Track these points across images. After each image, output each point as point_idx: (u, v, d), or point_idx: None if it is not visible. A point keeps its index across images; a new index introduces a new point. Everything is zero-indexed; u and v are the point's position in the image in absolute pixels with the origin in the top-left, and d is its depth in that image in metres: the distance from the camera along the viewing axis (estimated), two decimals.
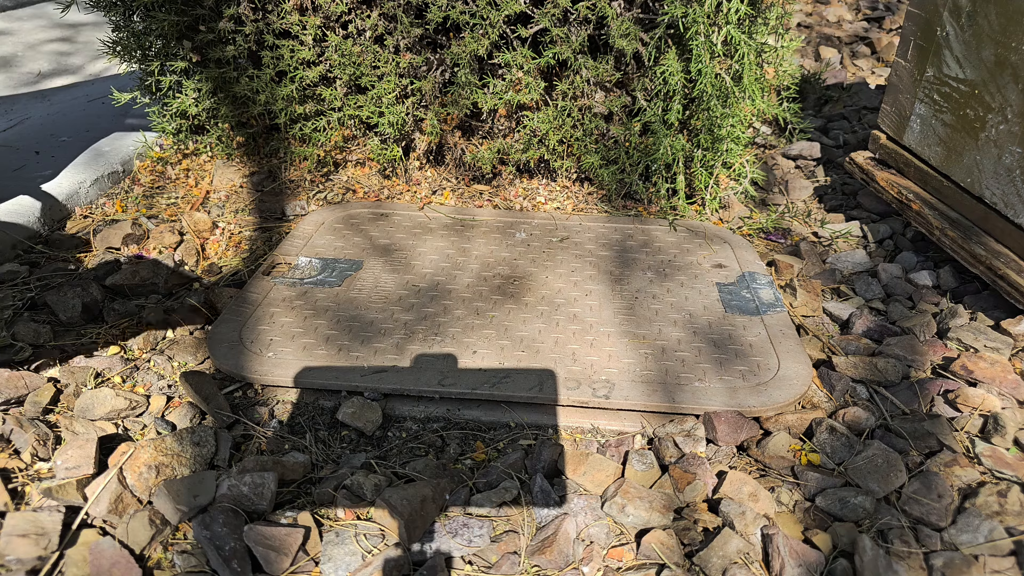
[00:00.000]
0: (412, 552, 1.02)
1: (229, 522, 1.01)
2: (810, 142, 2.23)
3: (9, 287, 1.54)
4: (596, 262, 1.69)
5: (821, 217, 1.96)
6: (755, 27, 1.73)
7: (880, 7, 3.41)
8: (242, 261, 1.71)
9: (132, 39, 1.85)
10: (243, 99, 1.89)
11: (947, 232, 1.58)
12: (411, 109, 1.86)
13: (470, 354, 1.37)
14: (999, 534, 1.03)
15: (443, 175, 2.05)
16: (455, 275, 1.63)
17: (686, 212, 1.90)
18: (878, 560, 0.98)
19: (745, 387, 1.30)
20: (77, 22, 3.19)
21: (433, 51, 1.85)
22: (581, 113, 1.84)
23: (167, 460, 1.10)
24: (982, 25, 1.48)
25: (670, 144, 1.78)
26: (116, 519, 1.03)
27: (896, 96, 1.79)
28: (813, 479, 1.13)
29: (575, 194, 2.01)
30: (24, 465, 1.12)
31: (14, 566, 0.96)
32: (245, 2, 1.73)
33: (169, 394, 1.31)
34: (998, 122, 1.47)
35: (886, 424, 1.25)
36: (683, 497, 1.12)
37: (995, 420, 1.21)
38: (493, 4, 1.69)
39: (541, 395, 1.28)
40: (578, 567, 1.01)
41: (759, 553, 1.03)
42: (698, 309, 1.53)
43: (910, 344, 1.42)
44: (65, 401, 1.25)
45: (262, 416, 1.28)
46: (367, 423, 1.25)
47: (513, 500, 1.11)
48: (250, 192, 1.96)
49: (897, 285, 1.64)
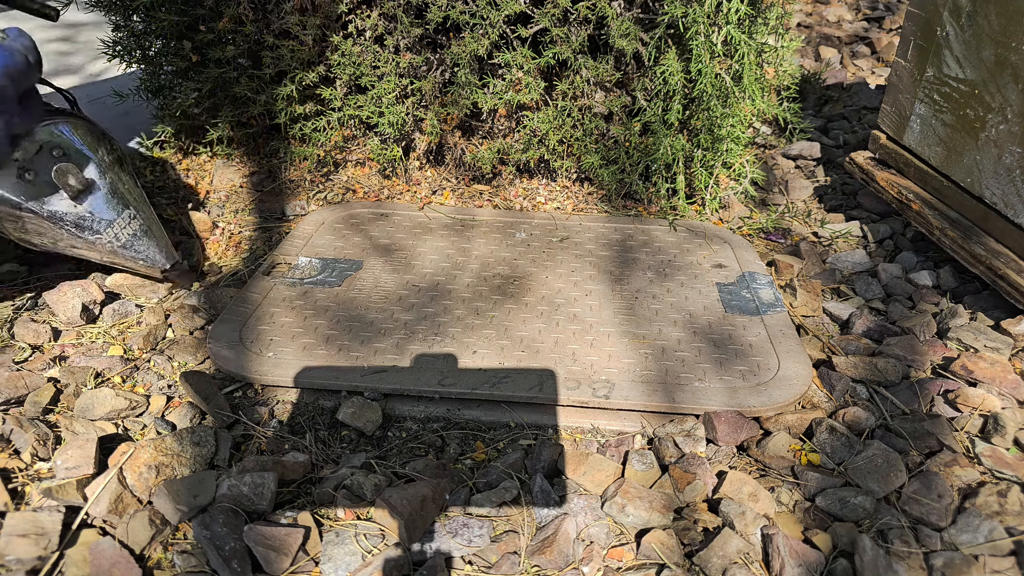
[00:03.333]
0: (412, 552, 1.02)
1: (229, 522, 1.01)
2: (810, 142, 2.23)
3: (9, 287, 1.54)
4: (596, 262, 1.69)
5: (821, 217, 1.96)
6: (755, 27, 1.73)
7: (880, 7, 3.41)
8: (242, 261, 1.71)
9: (132, 39, 1.85)
10: (243, 99, 1.89)
11: (947, 232, 1.58)
12: (411, 109, 1.86)
13: (470, 354, 1.37)
14: (999, 534, 1.03)
15: (443, 175, 2.05)
16: (455, 275, 1.62)
17: (686, 212, 1.90)
18: (878, 560, 0.98)
19: (745, 387, 1.30)
20: (77, 22, 3.19)
21: (433, 51, 1.85)
22: (581, 113, 1.84)
23: (167, 460, 1.10)
24: (982, 25, 1.48)
25: (670, 144, 1.78)
26: (116, 519, 1.03)
27: (896, 96, 1.79)
28: (813, 479, 1.13)
29: (575, 194, 2.01)
30: (24, 465, 1.12)
31: (14, 566, 0.96)
32: (245, 2, 1.73)
33: (169, 394, 1.31)
34: (998, 122, 1.47)
35: (886, 424, 1.25)
36: (683, 497, 1.12)
37: (995, 420, 1.21)
38: (493, 4, 1.69)
39: (541, 395, 1.28)
40: (578, 567, 1.01)
41: (759, 553, 1.03)
42: (698, 309, 1.53)
43: (910, 344, 1.42)
44: (65, 401, 1.25)
45: (262, 416, 1.28)
46: (367, 423, 1.25)
47: (513, 500, 1.11)
48: (250, 192, 1.96)
49: (897, 285, 1.64)
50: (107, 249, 1.44)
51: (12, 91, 1.25)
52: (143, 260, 1.48)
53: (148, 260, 1.48)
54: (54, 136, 1.40)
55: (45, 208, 1.37)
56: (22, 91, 1.29)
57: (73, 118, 1.47)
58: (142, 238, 1.47)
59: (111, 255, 1.46)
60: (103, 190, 1.43)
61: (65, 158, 1.39)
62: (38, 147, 1.36)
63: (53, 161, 1.38)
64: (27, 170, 1.35)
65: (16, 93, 1.27)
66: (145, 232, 1.48)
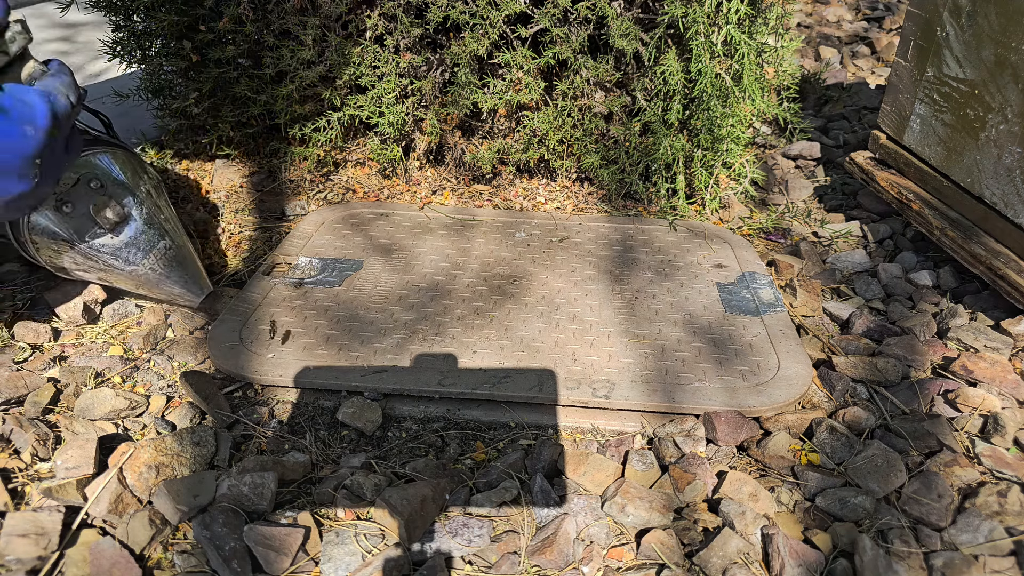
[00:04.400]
0: (412, 552, 1.02)
1: (229, 522, 1.01)
2: (810, 142, 2.24)
3: (9, 287, 1.54)
4: (596, 262, 1.69)
5: (821, 217, 1.96)
6: (755, 27, 1.73)
7: (880, 7, 3.41)
8: (242, 261, 1.71)
9: (132, 39, 1.84)
10: (243, 99, 1.89)
11: (947, 232, 1.58)
12: (411, 109, 1.86)
13: (470, 354, 1.37)
14: (999, 534, 1.03)
15: (443, 175, 2.05)
16: (455, 275, 1.63)
17: (686, 212, 1.90)
18: (878, 560, 0.98)
19: (745, 387, 1.30)
20: (77, 22, 3.19)
21: (433, 51, 1.85)
22: (581, 113, 1.84)
23: (167, 460, 1.10)
24: (982, 25, 1.48)
25: (670, 144, 1.78)
26: (116, 519, 1.03)
27: (896, 96, 1.79)
28: (813, 479, 1.13)
29: (575, 194, 2.01)
30: (24, 465, 1.12)
31: (14, 566, 0.96)
32: (245, 2, 1.73)
33: (169, 394, 1.31)
34: (998, 122, 1.47)
35: (886, 424, 1.25)
36: (683, 497, 1.12)
37: (995, 420, 1.21)
38: (493, 4, 1.69)
39: (541, 395, 1.28)
40: (578, 567, 1.01)
41: (759, 553, 1.03)
42: (698, 309, 1.53)
43: (910, 344, 1.42)
44: (65, 401, 1.25)
45: (262, 416, 1.28)
46: (367, 423, 1.25)
47: (513, 500, 1.11)
48: (250, 192, 1.96)
49: (897, 285, 1.64)
50: (141, 280, 1.43)
51: (59, 136, 1.18)
52: (178, 291, 1.46)
53: (182, 290, 1.46)
54: (92, 167, 1.38)
55: (82, 240, 1.36)
56: (66, 133, 1.23)
57: (111, 147, 1.45)
58: (177, 268, 1.45)
59: (146, 286, 1.44)
60: (139, 221, 1.41)
61: (102, 189, 1.37)
62: (76, 179, 1.35)
63: (91, 192, 1.36)
64: (65, 202, 1.34)
65: (62, 137, 1.21)
66: (180, 263, 1.46)
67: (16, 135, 1.08)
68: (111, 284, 1.46)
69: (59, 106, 1.16)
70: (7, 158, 1.08)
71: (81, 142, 1.36)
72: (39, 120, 1.12)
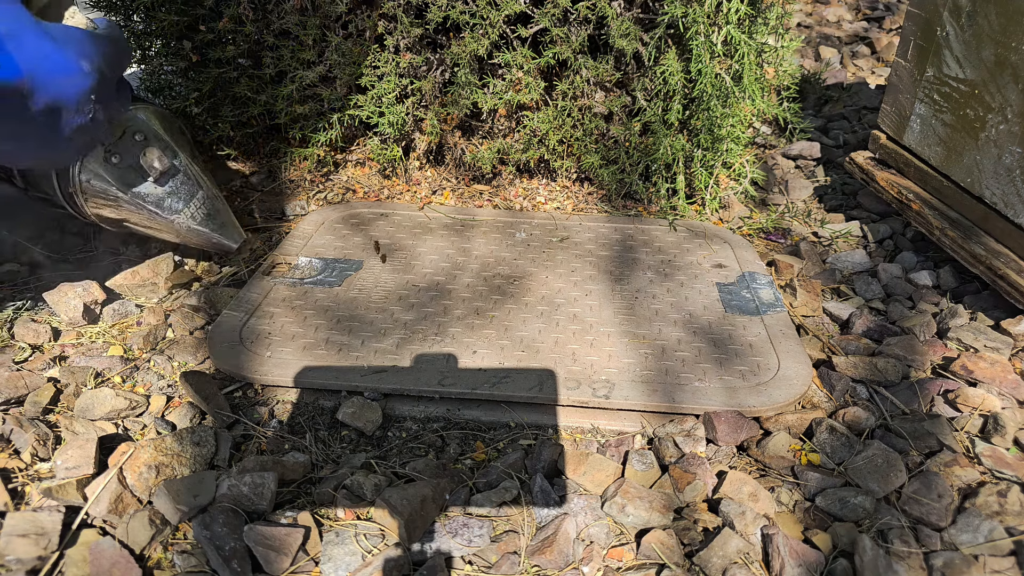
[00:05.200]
0: (412, 552, 1.02)
1: (229, 522, 1.01)
2: (810, 142, 2.24)
3: (9, 287, 1.54)
4: (596, 262, 1.69)
5: (821, 217, 1.96)
6: (755, 27, 1.73)
7: (880, 7, 3.41)
8: (242, 261, 1.71)
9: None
10: (243, 99, 1.89)
11: (947, 232, 1.58)
12: (411, 109, 1.86)
13: (470, 354, 1.37)
14: (999, 534, 1.03)
15: (443, 175, 2.05)
16: (455, 275, 1.63)
17: (686, 212, 1.90)
18: (878, 560, 0.98)
19: (745, 387, 1.30)
20: None
21: (433, 51, 1.85)
22: (581, 113, 1.84)
23: (167, 460, 1.10)
24: (982, 25, 1.48)
25: (670, 144, 1.78)
26: (116, 519, 1.03)
27: (896, 96, 1.79)
28: (813, 479, 1.13)
29: (575, 194, 2.01)
30: (24, 465, 1.12)
31: (14, 566, 0.96)
32: (245, 2, 1.73)
33: (169, 394, 1.31)
34: (998, 122, 1.47)
35: (886, 424, 1.25)
36: (683, 497, 1.12)
37: (995, 420, 1.21)
38: (493, 4, 1.69)
39: (541, 395, 1.28)
40: (578, 567, 1.01)
41: (759, 553, 1.03)
42: (698, 309, 1.53)
43: (910, 344, 1.42)
44: (65, 401, 1.25)
45: (262, 416, 1.28)
46: (367, 423, 1.25)
47: (513, 500, 1.11)
48: (250, 192, 1.96)
49: (897, 285, 1.64)
50: (183, 228, 1.53)
51: (111, 77, 1.26)
52: (216, 238, 1.58)
53: (220, 237, 1.59)
54: (136, 121, 1.47)
55: (129, 190, 1.45)
56: (118, 78, 1.32)
57: (147, 104, 1.55)
58: (214, 217, 1.57)
59: (186, 234, 1.55)
60: (181, 172, 1.51)
61: (146, 142, 1.46)
62: (122, 131, 1.44)
63: (136, 144, 1.45)
64: (113, 153, 1.43)
65: (114, 79, 1.28)
66: (218, 212, 1.58)
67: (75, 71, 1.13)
68: (153, 233, 1.56)
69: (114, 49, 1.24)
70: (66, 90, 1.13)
71: (130, 91, 1.43)
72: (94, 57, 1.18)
